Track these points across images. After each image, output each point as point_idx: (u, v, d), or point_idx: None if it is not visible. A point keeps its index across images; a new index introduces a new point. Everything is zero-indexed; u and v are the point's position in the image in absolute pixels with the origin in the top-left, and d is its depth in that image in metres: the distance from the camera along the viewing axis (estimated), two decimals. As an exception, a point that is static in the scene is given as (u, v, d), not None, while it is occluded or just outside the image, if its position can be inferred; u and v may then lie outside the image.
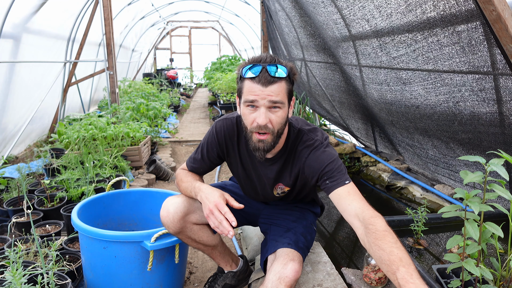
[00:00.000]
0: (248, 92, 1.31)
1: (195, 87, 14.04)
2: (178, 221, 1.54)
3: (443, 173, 3.05)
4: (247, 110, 1.35)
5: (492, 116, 2.01)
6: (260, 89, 1.29)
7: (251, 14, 8.71)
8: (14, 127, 4.16)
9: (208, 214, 1.37)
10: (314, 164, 1.43)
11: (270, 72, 1.28)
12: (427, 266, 1.64)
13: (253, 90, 1.30)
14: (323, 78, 4.31)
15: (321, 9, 3.20)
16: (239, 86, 1.37)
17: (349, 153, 4.24)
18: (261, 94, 1.29)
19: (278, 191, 1.61)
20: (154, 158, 3.89)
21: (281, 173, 1.56)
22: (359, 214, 1.25)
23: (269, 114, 1.32)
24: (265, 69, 1.29)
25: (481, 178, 1.13)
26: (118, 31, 7.91)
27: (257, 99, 1.30)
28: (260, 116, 1.31)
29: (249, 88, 1.31)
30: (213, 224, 1.35)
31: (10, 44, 3.90)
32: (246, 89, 1.33)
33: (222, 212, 1.34)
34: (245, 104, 1.34)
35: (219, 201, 1.37)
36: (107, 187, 2.04)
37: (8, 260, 1.41)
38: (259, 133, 1.34)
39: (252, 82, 1.30)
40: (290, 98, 1.38)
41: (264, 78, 1.28)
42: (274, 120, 1.34)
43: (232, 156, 1.60)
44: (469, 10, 1.72)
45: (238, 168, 1.62)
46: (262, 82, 1.28)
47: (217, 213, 1.34)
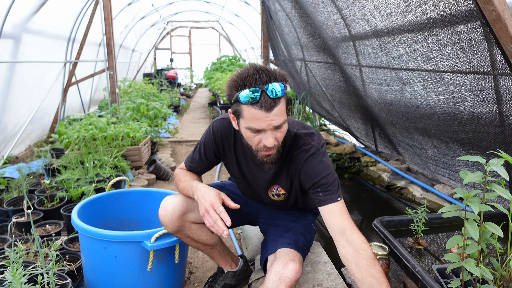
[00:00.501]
0: (251, 119, 1.26)
1: (195, 87, 14.05)
2: (176, 220, 1.55)
3: (443, 173, 3.05)
4: (251, 134, 1.31)
5: (492, 116, 2.01)
6: (264, 115, 1.24)
7: (251, 14, 8.71)
8: (14, 127, 4.16)
9: (203, 213, 1.39)
10: (310, 172, 1.42)
11: (270, 95, 1.22)
12: (427, 266, 1.64)
13: (256, 117, 1.25)
14: (323, 78, 4.31)
15: (321, 9, 3.20)
16: (235, 108, 1.29)
17: (349, 153, 4.24)
18: (266, 121, 1.25)
19: (273, 193, 1.61)
20: (154, 158, 3.89)
21: (277, 176, 1.55)
22: (348, 235, 1.32)
23: (275, 134, 1.31)
24: (264, 93, 1.22)
25: (481, 178, 1.13)
26: (118, 31, 7.92)
27: (264, 127, 1.27)
28: (267, 139, 1.29)
29: (252, 115, 1.25)
30: (208, 223, 1.38)
31: (10, 44, 3.90)
32: (247, 115, 1.26)
33: (217, 212, 1.36)
34: (248, 130, 1.30)
35: (214, 200, 1.39)
36: (107, 187, 2.04)
37: (8, 260, 1.41)
38: (264, 151, 1.35)
39: (254, 109, 1.23)
40: (287, 107, 1.36)
41: (266, 102, 1.22)
42: (279, 137, 1.34)
43: (229, 156, 1.60)
44: (469, 10, 1.72)
45: (234, 168, 1.63)
46: (265, 107, 1.22)
47: (212, 212, 1.36)
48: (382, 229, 1.75)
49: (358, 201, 3.51)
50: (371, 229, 2.71)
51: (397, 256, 1.58)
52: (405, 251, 1.55)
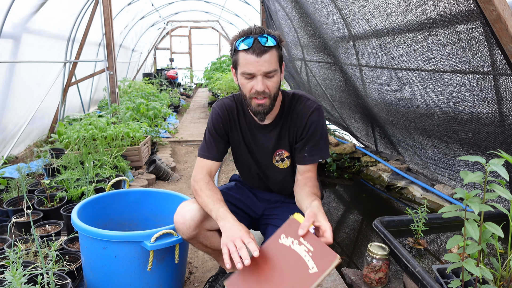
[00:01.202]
0: (244, 63, 1.42)
1: (195, 87, 14.03)
2: (194, 229, 1.52)
3: (443, 173, 3.05)
4: (245, 80, 1.45)
5: (492, 116, 2.01)
6: (255, 60, 1.39)
7: (251, 14, 8.71)
8: (14, 127, 4.16)
9: (227, 242, 1.29)
10: (312, 127, 1.58)
11: (262, 43, 1.39)
12: (427, 266, 1.64)
13: (249, 62, 1.41)
14: (323, 78, 4.31)
15: (321, 9, 3.20)
16: (234, 59, 1.48)
17: (349, 153, 4.24)
18: (256, 66, 1.40)
19: (277, 158, 1.66)
20: (154, 158, 3.89)
21: (279, 139, 1.63)
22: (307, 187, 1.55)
23: (265, 81, 1.43)
24: (257, 40, 1.39)
25: (481, 178, 1.13)
26: (118, 31, 7.92)
27: (254, 72, 1.41)
28: (257, 84, 1.42)
29: (245, 60, 1.41)
30: (230, 250, 1.26)
31: (10, 44, 3.90)
32: (241, 61, 1.43)
33: (244, 242, 1.27)
34: (243, 76, 1.45)
35: (243, 234, 1.30)
36: (107, 187, 2.04)
37: (8, 260, 1.41)
38: (257, 98, 1.45)
39: (247, 54, 1.40)
40: (281, 63, 1.50)
41: (258, 48, 1.39)
42: (270, 86, 1.45)
43: (234, 130, 1.66)
44: (469, 10, 1.72)
45: (240, 142, 1.67)
46: (256, 52, 1.39)
47: (239, 242, 1.27)
48: (382, 229, 1.75)
49: (358, 201, 3.51)
50: (371, 229, 2.71)
51: (397, 256, 1.58)
52: (405, 251, 1.55)
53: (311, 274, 1.13)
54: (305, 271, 1.14)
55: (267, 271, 1.20)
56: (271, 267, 1.21)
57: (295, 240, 1.22)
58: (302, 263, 1.16)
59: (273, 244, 1.26)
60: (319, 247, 1.17)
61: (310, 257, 1.16)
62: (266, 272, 1.20)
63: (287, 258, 1.20)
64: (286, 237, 1.25)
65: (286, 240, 1.24)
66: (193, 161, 4.65)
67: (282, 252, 1.22)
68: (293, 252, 1.20)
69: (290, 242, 1.23)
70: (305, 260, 1.16)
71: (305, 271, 1.14)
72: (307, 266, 1.15)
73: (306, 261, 1.16)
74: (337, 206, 3.35)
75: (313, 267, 1.14)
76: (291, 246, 1.22)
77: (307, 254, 1.17)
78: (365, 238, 2.70)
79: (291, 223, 1.27)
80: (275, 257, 1.23)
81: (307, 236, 1.20)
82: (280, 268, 1.20)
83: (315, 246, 1.17)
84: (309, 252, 1.17)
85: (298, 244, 1.21)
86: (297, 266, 1.16)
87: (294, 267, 1.17)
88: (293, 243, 1.22)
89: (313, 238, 1.20)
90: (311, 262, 1.15)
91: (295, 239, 1.22)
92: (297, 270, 1.16)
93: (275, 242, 1.26)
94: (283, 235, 1.26)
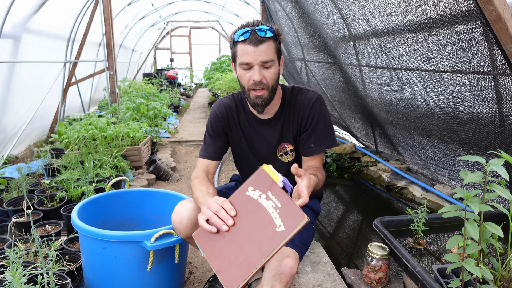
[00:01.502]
0: (242, 54, 1.45)
1: (195, 87, 14.04)
2: (191, 228, 1.52)
3: (443, 173, 3.05)
4: (243, 71, 1.47)
5: (492, 116, 2.01)
6: (252, 50, 1.42)
7: (251, 14, 8.71)
8: (14, 127, 4.16)
9: (202, 211, 1.24)
10: (315, 115, 1.59)
11: (259, 34, 1.42)
12: (427, 266, 1.64)
13: (246, 52, 1.43)
14: (323, 78, 4.31)
15: (321, 9, 3.20)
16: (233, 51, 1.51)
17: (349, 153, 4.24)
18: (253, 55, 1.42)
19: (282, 152, 1.67)
20: (154, 158, 3.89)
21: (283, 132, 1.64)
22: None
23: (262, 72, 1.45)
24: (254, 31, 1.43)
25: (481, 178, 1.13)
26: (118, 31, 7.92)
27: (251, 61, 1.43)
28: (255, 74, 1.44)
29: (242, 50, 1.44)
30: (207, 215, 1.20)
31: (10, 44, 3.90)
32: (239, 52, 1.46)
33: (218, 203, 1.22)
34: (240, 67, 1.47)
35: (216, 199, 1.26)
36: (107, 187, 2.04)
37: (8, 260, 1.41)
38: (255, 90, 1.47)
39: (244, 44, 1.44)
40: (279, 56, 1.52)
41: (255, 38, 1.42)
42: (268, 76, 1.46)
43: (234, 128, 1.68)
44: (469, 10, 1.72)
45: (240, 139, 1.68)
46: (253, 42, 1.42)
47: (214, 206, 1.22)
48: (382, 229, 1.75)
49: (358, 201, 3.51)
50: (371, 229, 2.71)
51: (397, 256, 1.58)
52: (405, 251, 1.55)
53: (278, 233, 1.08)
54: (272, 228, 1.09)
55: (235, 225, 1.15)
56: (239, 220, 1.15)
57: (263, 194, 1.14)
58: (269, 219, 1.10)
59: (240, 196, 1.18)
60: (287, 204, 1.10)
61: (278, 214, 1.09)
62: (234, 225, 1.15)
63: (254, 212, 1.13)
64: (254, 189, 1.16)
65: (254, 193, 1.16)
66: (193, 161, 4.64)
67: (249, 205, 1.15)
68: (260, 207, 1.13)
69: (258, 195, 1.15)
70: (272, 217, 1.10)
71: (273, 229, 1.09)
72: (274, 224, 1.09)
73: (273, 218, 1.10)
74: (337, 206, 3.35)
75: (280, 225, 1.08)
76: (258, 199, 1.14)
77: (275, 211, 1.10)
78: (365, 238, 2.70)
79: (260, 174, 1.17)
80: (242, 210, 1.16)
81: (275, 191, 1.13)
82: (247, 222, 1.14)
83: (283, 203, 1.10)
84: (276, 209, 1.10)
85: (266, 198, 1.13)
86: (264, 222, 1.11)
87: (261, 223, 1.11)
88: (260, 196, 1.15)
89: (282, 194, 1.12)
90: (278, 220, 1.09)
91: (263, 193, 1.14)
92: (264, 227, 1.10)
93: (243, 194, 1.18)
94: (251, 187, 1.17)
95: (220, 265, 1.13)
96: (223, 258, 1.13)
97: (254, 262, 1.09)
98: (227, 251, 1.14)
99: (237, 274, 1.10)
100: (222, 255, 1.14)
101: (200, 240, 1.20)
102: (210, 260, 1.16)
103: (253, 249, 1.10)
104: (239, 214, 1.16)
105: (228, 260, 1.12)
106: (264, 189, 1.14)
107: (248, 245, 1.11)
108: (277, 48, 1.49)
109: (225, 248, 1.14)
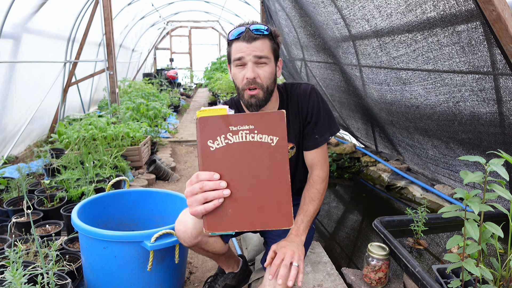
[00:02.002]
0: (235, 51, 1.43)
1: (195, 87, 14.04)
2: (196, 237, 1.47)
3: (443, 173, 3.05)
4: (237, 70, 1.45)
5: (492, 116, 2.01)
6: (245, 46, 1.40)
7: (251, 14, 8.71)
8: (14, 127, 4.16)
9: (187, 190, 1.03)
10: (313, 107, 1.59)
11: (253, 31, 1.41)
12: (427, 266, 1.64)
13: (239, 49, 1.41)
14: (323, 78, 4.31)
15: (321, 9, 3.20)
16: (228, 51, 1.49)
17: (349, 153, 4.24)
18: (246, 51, 1.40)
19: None
20: (154, 158, 3.89)
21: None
22: (314, 169, 1.62)
23: (256, 69, 1.42)
24: (248, 29, 1.41)
25: (481, 178, 1.13)
26: (118, 31, 7.91)
27: (243, 56, 1.40)
28: (248, 71, 1.41)
29: (236, 48, 1.42)
30: (197, 199, 0.99)
31: (10, 44, 3.90)
32: (233, 50, 1.44)
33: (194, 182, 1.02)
34: (234, 64, 1.44)
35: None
36: (107, 187, 2.04)
37: (8, 260, 1.41)
38: (249, 89, 1.44)
39: (238, 42, 1.42)
40: (276, 56, 1.49)
41: (248, 35, 1.40)
42: (262, 75, 1.43)
43: None
44: (469, 10, 1.72)
45: None
46: (246, 39, 1.40)
47: (193, 186, 1.01)
48: (382, 229, 1.75)
49: (358, 201, 3.51)
50: (371, 229, 2.72)
51: (397, 256, 1.58)
52: (405, 251, 1.55)
53: (276, 146, 0.93)
54: (267, 149, 0.93)
55: (230, 184, 0.96)
56: (229, 177, 0.96)
57: (226, 134, 0.95)
58: (257, 146, 0.94)
59: (209, 157, 0.96)
60: (258, 117, 0.93)
61: (259, 133, 0.93)
62: (232, 187, 0.96)
63: (238, 155, 0.95)
64: (213, 140, 0.95)
65: (218, 142, 0.95)
66: (193, 161, 4.64)
67: (226, 155, 0.95)
68: (238, 147, 0.95)
69: (222, 140, 0.95)
70: (257, 141, 0.94)
71: (268, 150, 0.93)
72: (264, 144, 0.93)
73: (259, 140, 0.93)
74: (337, 206, 3.35)
75: (271, 138, 0.93)
76: (228, 143, 0.95)
77: (253, 134, 0.94)
78: (365, 238, 2.70)
79: (205, 122, 0.95)
80: (224, 164, 0.96)
81: (235, 120, 0.95)
82: (240, 169, 0.95)
83: (253, 121, 0.93)
84: (252, 132, 0.94)
85: (232, 135, 0.94)
86: (254, 155, 0.94)
87: (252, 156, 0.94)
88: (225, 138, 0.95)
89: (243, 116, 0.95)
90: (264, 136, 0.93)
91: (224, 133, 0.95)
92: (258, 156, 0.94)
93: (209, 153, 0.96)
94: (209, 141, 0.95)
95: (258, 218, 0.96)
96: (252, 211, 0.96)
97: (283, 189, 0.95)
98: (250, 204, 0.96)
99: (281, 210, 0.95)
100: (249, 209, 0.96)
101: (217, 226, 0.98)
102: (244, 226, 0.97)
103: (271, 180, 0.95)
104: (224, 170, 0.96)
105: (261, 207, 0.96)
106: (223, 130, 0.95)
107: (262, 184, 0.95)
108: (273, 47, 1.46)
109: (245, 204, 0.96)
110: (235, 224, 0.97)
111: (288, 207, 0.95)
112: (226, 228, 0.97)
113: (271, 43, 1.45)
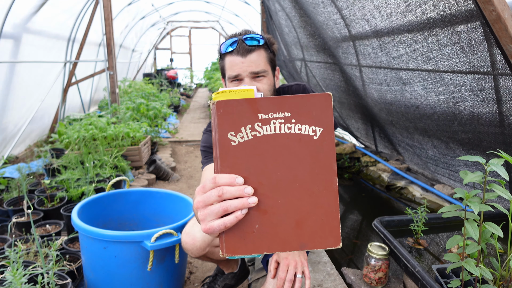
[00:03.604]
0: (230, 66, 1.33)
1: (195, 87, 14.04)
2: (204, 249, 1.45)
3: (443, 173, 3.05)
4: (233, 85, 1.36)
5: (492, 116, 2.01)
6: (240, 61, 1.31)
7: (251, 14, 8.71)
8: (14, 127, 4.16)
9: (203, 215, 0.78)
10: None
11: (247, 43, 1.31)
12: (427, 266, 1.65)
13: (234, 63, 1.32)
14: (323, 78, 4.31)
15: (321, 9, 3.20)
16: (221, 65, 1.39)
17: (349, 153, 4.24)
18: (242, 67, 1.31)
19: None
20: (154, 158, 3.90)
21: None
22: None
23: (254, 83, 1.34)
24: (241, 41, 1.31)
25: (481, 178, 1.14)
26: (118, 31, 7.91)
27: (240, 72, 1.32)
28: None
29: (230, 63, 1.33)
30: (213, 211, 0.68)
31: (10, 44, 3.90)
32: (227, 64, 1.34)
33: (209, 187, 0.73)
34: (230, 80, 1.35)
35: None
36: (107, 187, 2.04)
37: (9, 260, 1.42)
38: None
39: (232, 56, 1.32)
40: (273, 67, 1.40)
41: (242, 48, 1.30)
42: (261, 87, 1.35)
43: None
44: (469, 10, 1.72)
45: None
46: (240, 53, 1.30)
47: (210, 194, 0.71)
48: (382, 229, 1.75)
49: (358, 201, 3.51)
50: (371, 229, 2.72)
51: (397, 256, 1.58)
52: (405, 251, 1.55)
53: (320, 140, 0.68)
54: (308, 143, 0.68)
55: (256, 190, 0.68)
56: (256, 182, 0.68)
57: (254, 124, 0.68)
58: (294, 140, 0.68)
59: (231, 152, 0.68)
60: (297, 100, 0.68)
61: (297, 123, 0.68)
62: (261, 194, 0.68)
63: (270, 151, 0.68)
64: (236, 131, 0.68)
65: (242, 134, 0.68)
66: (193, 161, 4.65)
67: (253, 151, 0.68)
68: (269, 140, 0.68)
69: (248, 132, 0.68)
70: (295, 133, 0.68)
71: (309, 144, 0.68)
72: (305, 137, 0.68)
73: (297, 132, 0.68)
74: (337, 206, 3.35)
75: (314, 129, 0.68)
76: (256, 135, 0.68)
77: (289, 124, 0.68)
78: (365, 238, 2.70)
79: (223, 106, 0.67)
80: (250, 165, 0.68)
81: (266, 105, 0.68)
82: (273, 173, 0.68)
83: (292, 106, 0.68)
84: (289, 121, 0.68)
85: (262, 125, 0.68)
86: (291, 151, 0.68)
87: (288, 157, 0.68)
88: (253, 129, 0.68)
89: (274, 100, 0.68)
90: (305, 127, 0.68)
91: (251, 123, 0.68)
92: (297, 156, 0.68)
93: (229, 148, 0.67)
94: (231, 133, 0.67)
95: (294, 236, 0.69)
96: (287, 226, 0.69)
97: (329, 196, 0.69)
98: (284, 217, 0.69)
99: (325, 225, 0.69)
100: (283, 224, 0.69)
101: (239, 248, 0.69)
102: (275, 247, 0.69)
103: (313, 185, 0.69)
104: (250, 172, 0.68)
105: (299, 220, 0.69)
106: (248, 118, 0.68)
107: (302, 190, 0.69)
108: (269, 58, 1.36)
109: (277, 217, 0.69)
110: (264, 244, 0.69)
111: (335, 221, 0.69)
112: (251, 249, 0.69)
113: (267, 53, 1.36)
